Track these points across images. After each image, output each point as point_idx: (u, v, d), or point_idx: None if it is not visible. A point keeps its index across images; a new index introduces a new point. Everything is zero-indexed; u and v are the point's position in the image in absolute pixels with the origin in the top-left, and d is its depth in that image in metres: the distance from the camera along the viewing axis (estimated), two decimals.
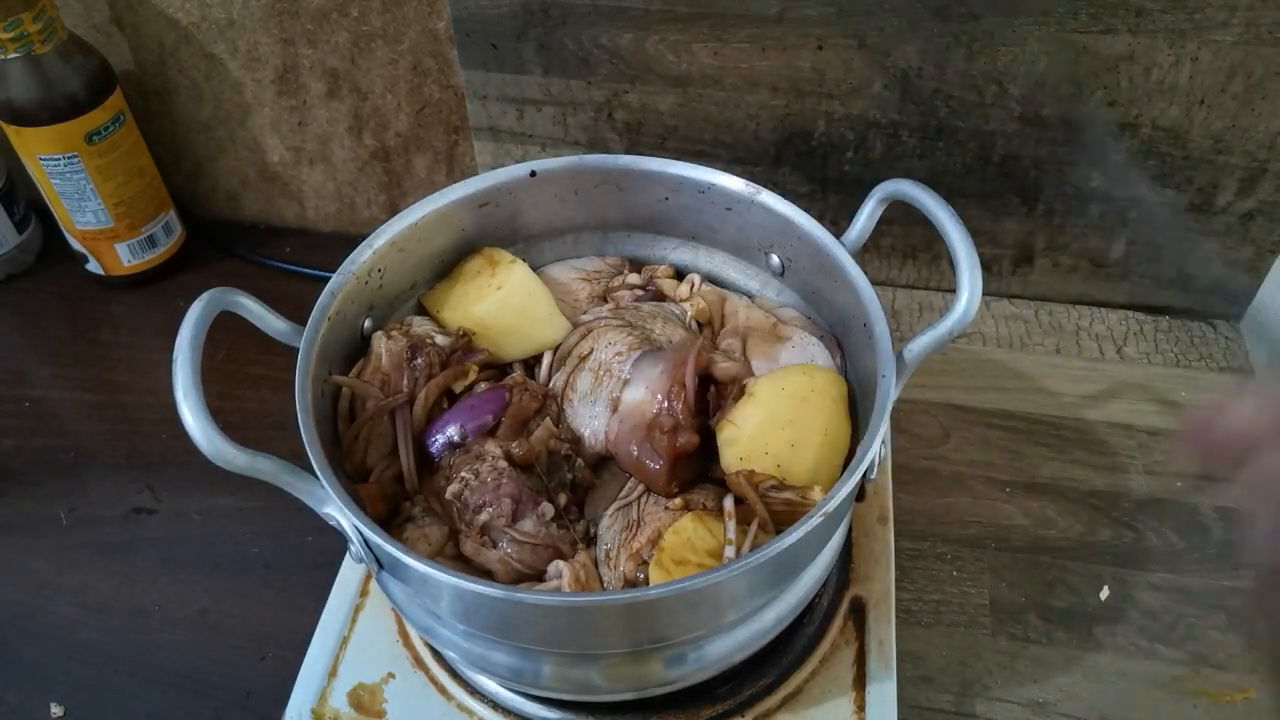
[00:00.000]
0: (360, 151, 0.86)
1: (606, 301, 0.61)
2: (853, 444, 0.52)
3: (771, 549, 0.42)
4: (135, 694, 0.60)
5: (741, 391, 0.52)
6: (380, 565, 0.47)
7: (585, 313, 0.60)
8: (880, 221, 0.56)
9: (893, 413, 0.48)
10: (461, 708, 0.55)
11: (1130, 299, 0.79)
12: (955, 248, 0.48)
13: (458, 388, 0.55)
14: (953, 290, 0.48)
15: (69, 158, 0.77)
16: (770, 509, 0.48)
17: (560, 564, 0.48)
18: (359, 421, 0.52)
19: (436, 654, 0.57)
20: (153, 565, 0.67)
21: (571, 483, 0.53)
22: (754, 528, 0.48)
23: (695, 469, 0.52)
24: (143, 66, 0.84)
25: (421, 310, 0.60)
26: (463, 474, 0.50)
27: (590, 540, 0.51)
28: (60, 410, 0.78)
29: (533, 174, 0.59)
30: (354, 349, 0.55)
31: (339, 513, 0.45)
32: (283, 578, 0.65)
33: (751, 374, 0.54)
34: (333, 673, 0.56)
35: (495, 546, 0.48)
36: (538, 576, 0.49)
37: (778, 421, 0.50)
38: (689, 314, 0.60)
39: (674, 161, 0.59)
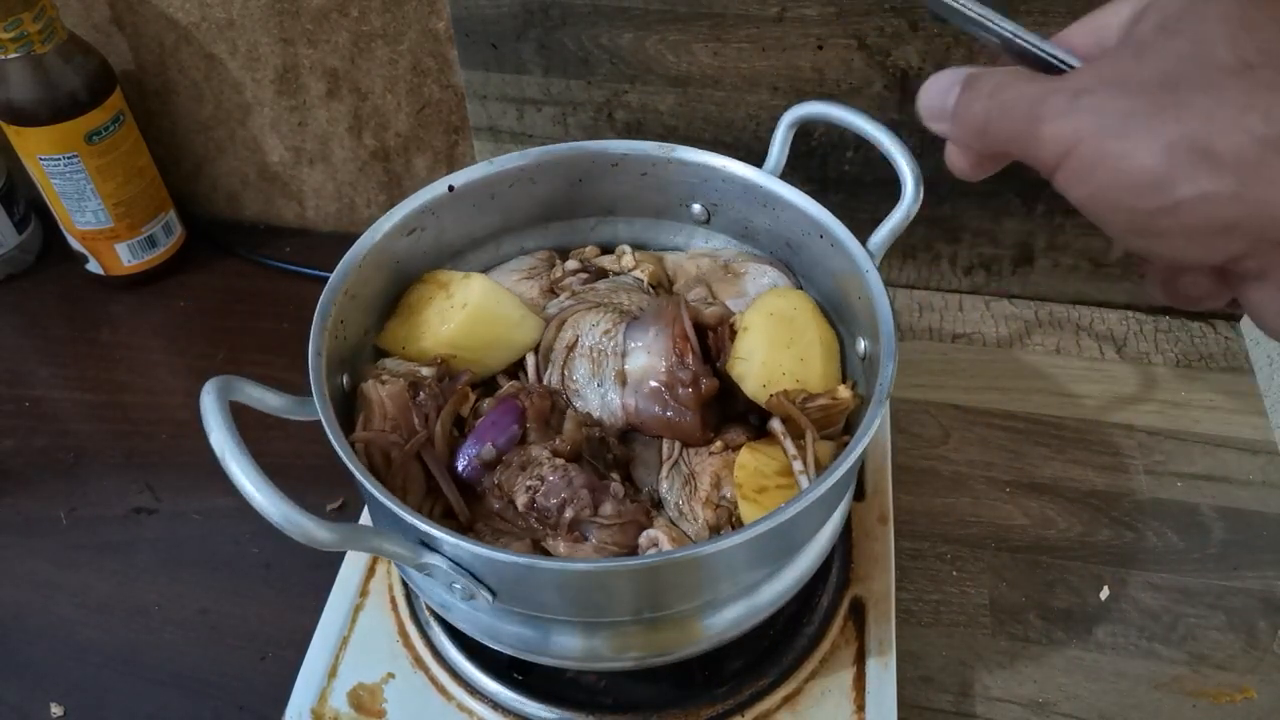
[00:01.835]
0: (360, 151, 0.86)
1: (557, 294, 0.61)
2: (840, 346, 0.56)
3: (865, 437, 0.45)
4: (135, 694, 0.60)
5: (733, 329, 0.55)
6: (494, 594, 0.45)
7: (547, 307, 0.60)
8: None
9: (892, 413, 0.49)
10: (461, 708, 0.55)
11: (1130, 299, 0.79)
12: (882, 141, 0.53)
13: (462, 412, 0.54)
14: (953, 290, 0.49)
15: (69, 158, 0.77)
16: (810, 419, 0.51)
17: (651, 532, 0.49)
18: (393, 471, 0.51)
19: (437, 654, 0.57)
20: (153, 565, 0.67)
21: (614, 461, 0.54)
22: (809, 439, 0.51)
23: (717, 412, 0.55)
24: (143, 66, 0.84)
25: (379, 354, 0.58)
26: (527, 483, 0.50)
27: (656, 506, 0.53)
28: (60, 410, 0.78)
29: (451, 189, 0.58)
30: (339, 409, 0.52)
31: (437, 558, 0.43)
32: (283, 578, 0.66)
33: (732, 312, 0.57)
34: (333, 673, 0.56)
35: (585, 540, 0.49)
36: (630, 555, 0.49)
37: (781, 343, 0.53)
38: (644, 279, 0.61)
39: (585, 142, 0.60)
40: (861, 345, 0.54)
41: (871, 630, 0.57)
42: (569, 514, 0.48)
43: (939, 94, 0.41)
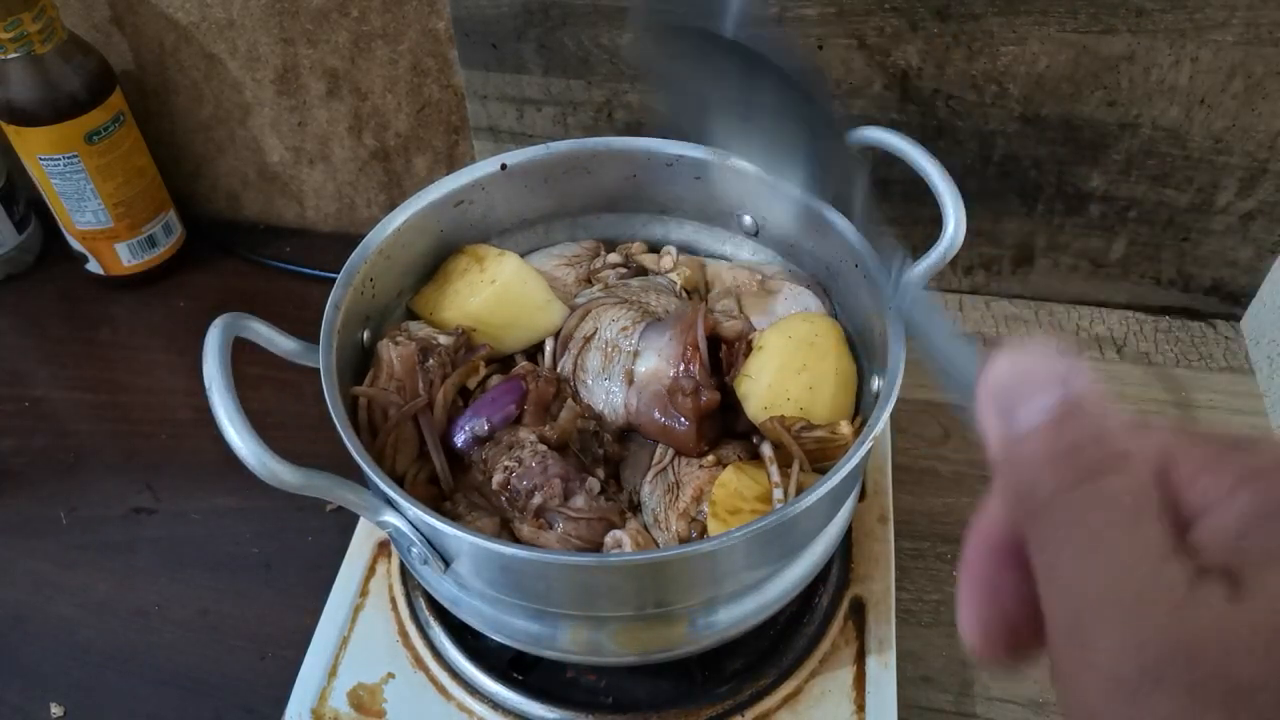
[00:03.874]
0: (360, 151, 0.86)
1: (592, 284, 0.62)
2: (859, 380, 0.55)
3: (843, 470, 0.44)
4: (135, 694, 0.60)
5: (749, 346, 0.54)
6: (447, 563, 0.46)
7: (577, 296, 0.60)
8: (881, 222, 0.56)
9: (892, 413, 0.49)
10: (461, 707, 0.55)
11: (1130, 299, 0.79)
12: (933, 180, 0.51)
13: (470, 384, 0.55)
14: (953, 290, 0.49)
15: (69, 158, 0.77)
16: (804, 449, 0.50)
17: (617, 533, 0.49)
18: (386, 429, 0.51)
19: (437, 654, 0.57)
20: (153, 565, 0.67)
21: (603, 457, 0.54)
22: (795, 468, 0.50)
23: (718, 426, 0.54)
24: (143, 66, 0.84)
25: (410, 316, 0.59)
26: (505, 463, 0.50)
27: (635, 508, 0.52)
28: (60, 410, 0.78)
29: (504, 167, 0.59)
30: (357, 363, 0.55)
31: (398, 518, 0.45)
32: (283, 578, 0.65)
33: (754, 329, 0.56)
34: (333, 673, 0.56)
35: (551, 528, 0.49)
36: (594, 551, 0.49)
37: (792, 367, 0.52)
38: (678, 283, 0.61)
39: (640, 138, 0.60)
40: (876, 384, 0.53)
41: (871, 630, 0.57)
42: (537, 500, 0.49)
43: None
